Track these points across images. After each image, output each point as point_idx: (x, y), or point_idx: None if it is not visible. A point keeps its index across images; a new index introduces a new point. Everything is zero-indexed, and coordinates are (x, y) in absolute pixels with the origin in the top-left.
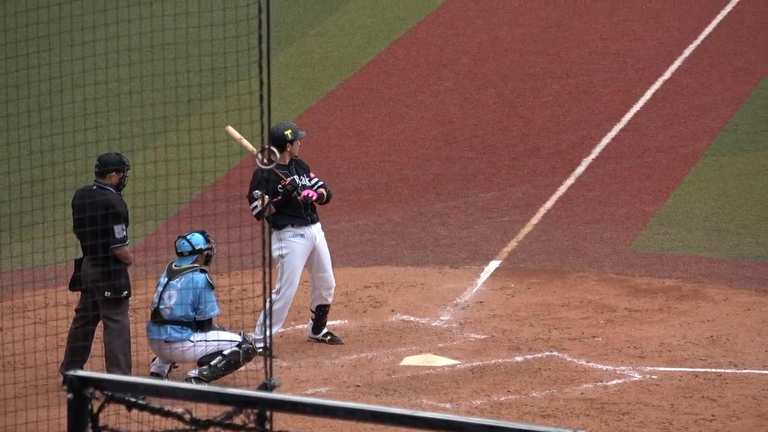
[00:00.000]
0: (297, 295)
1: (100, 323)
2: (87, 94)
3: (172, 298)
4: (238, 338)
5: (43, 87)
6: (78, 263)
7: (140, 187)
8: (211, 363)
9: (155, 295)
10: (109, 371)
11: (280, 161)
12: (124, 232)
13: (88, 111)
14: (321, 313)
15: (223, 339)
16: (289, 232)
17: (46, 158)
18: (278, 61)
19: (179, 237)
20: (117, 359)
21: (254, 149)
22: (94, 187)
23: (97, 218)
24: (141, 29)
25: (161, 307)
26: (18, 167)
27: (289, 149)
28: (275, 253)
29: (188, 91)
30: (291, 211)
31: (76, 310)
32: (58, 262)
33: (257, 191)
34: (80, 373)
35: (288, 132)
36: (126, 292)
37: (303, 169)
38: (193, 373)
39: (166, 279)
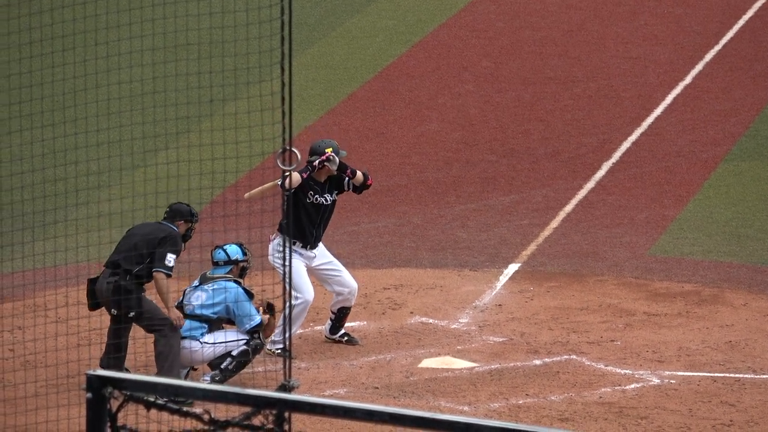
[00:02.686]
0: (316, 297)
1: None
2: (109, 93)
3: (199, 299)
4: (245, 336)
5: (65, 86)
6: (92, 284)
7: (162, 187)
8: (222, 366)
9: (182, 294)
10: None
11: (316, 177)
12: (173, 264)
13: (110, 110)
14: (341, 315)
15: (230, 340)
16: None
17: (68, 157)
18: (300, 63)
19: (216, 246)
20: (162, 367)
21: (276, 182)
22: (160, 222)
23: (151, 240)
24: (165, 29)
25: (185, 303)
26: (39, 166)
27: (327, 167)
28: (275, 263)
29: (210, 91)
30: (298, 226)
31: None
32: (79, 261)
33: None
34: (99, 372)
35: (329, 150)
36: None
37: (336, 188)
38: (206, 378)
39: (198, 283)
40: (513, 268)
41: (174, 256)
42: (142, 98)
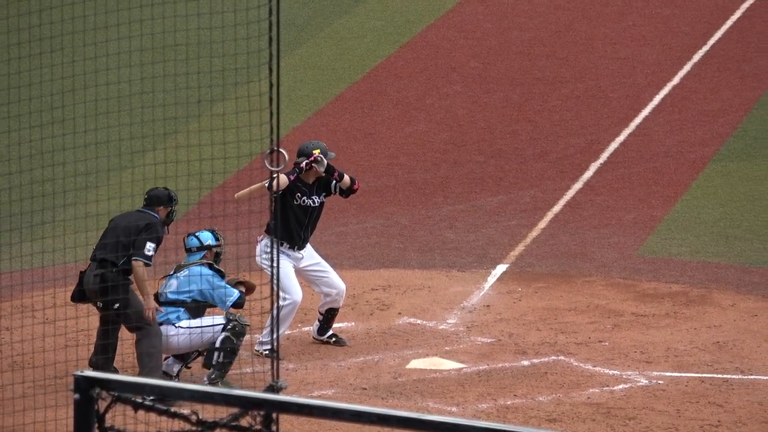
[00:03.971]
0: (304, 298)
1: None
2: (97, 94)
3: (171, 286)
4: (222, 320)
5: (53, 87)
6: (82, 276)
7: (150, 188)
8: (213, 363)
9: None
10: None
11: (304, 179)
12: (152, 253)
13: (97, 111)
14: (329, 316)
15: (206, 324)
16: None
17: (55, 158)
18: (288, 63)
19: (189, 234)
20: (143, 366)
21: (264, 183)
22: (140, 210)
23: (132, 229)
24: (153, 30)
25: (160, 291)
26: (27, 167)
27: (315, 169)
28: (262, 264)
29: (198, 92)
30: (286, 228)
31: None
32: (66, 262)
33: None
34: (87, 373)
35: (317, 151)
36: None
37: (323, 190)
38: (205, 380)
39: (173, 272)
40: (501, 268)
41: (153, 245)
42: (130, 99)
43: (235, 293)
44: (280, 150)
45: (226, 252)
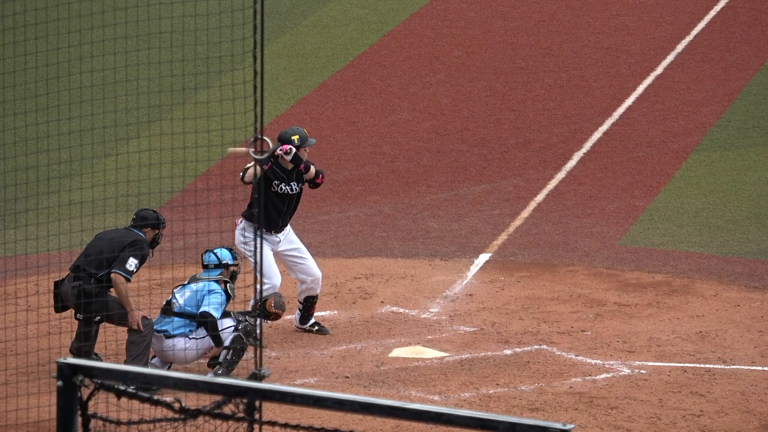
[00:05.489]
0: (285, 286)
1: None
2: (80, 82)
3: (183, 297)
4: (232, 322)
5: (37, 74)
6: (57, 286)
7: (133, 176)
8: (221, 361)
9: (171, 294)
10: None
11: (283, 164)
12: (134, 269)
13: (80, 99)
14: (309, 304)
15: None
16: (252, 228)
17: (39, 145)
18: (271, 51)
19: (206, 250)
20: (131, 355)
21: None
22: (127, 228)
23: (117, 244)
24: (137, 17)
25: (172, 300)
26: (11, 154)
27: (284, 158)
28: (243, 250)
29: (182, 80)
30: (265, 214)
31: None
32: (50, 249)
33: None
34: (70, 360)
35: (295, 138)
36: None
37: (300, 179)
38: (211, 375)
39: (187, 283)
40: (484, 258)
41: (136, 261)
42: (114, 86)
43: (214, 314)
44: (264, 138)
45: (210, 240)
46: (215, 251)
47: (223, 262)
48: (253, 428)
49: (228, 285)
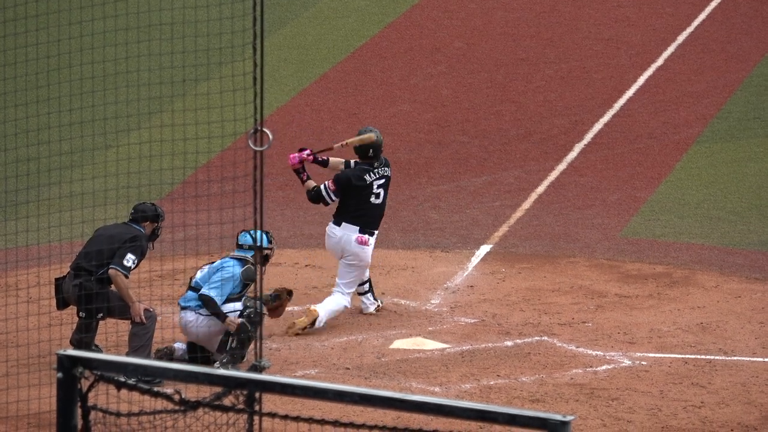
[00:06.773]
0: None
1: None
2: (80, 73)
3: (202, 272)
4: (239, 307)
5: (37, 66)
6: (58, 284)
7: (133, 167)
8: (226, 348)
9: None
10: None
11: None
12: (131, 265)
13: (81, 90)
14: (371, 285)
15: (226, 311)
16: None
17: (39, 137)
18: (272, 43)
19: (243, 230)
20: (130, 346)
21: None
22: (126, 223)
23: (116, 240)
24: (138, 8)
25: (194, 276)
26: (12, 145)
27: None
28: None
29: (183, 71)
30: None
31: None
32: (51, 240)
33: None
34: (70, 352)
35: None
36: (101, 314)
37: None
38: (216, 365)
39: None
40: (485, 249)
41: (134, 257)
42: (115, 78)
43: (216, 298)
44: (264, 129)
45: (211, 232)
46: (251, 231)
47: (258, 244)
48: (253, 420)
49: (248, 267)
